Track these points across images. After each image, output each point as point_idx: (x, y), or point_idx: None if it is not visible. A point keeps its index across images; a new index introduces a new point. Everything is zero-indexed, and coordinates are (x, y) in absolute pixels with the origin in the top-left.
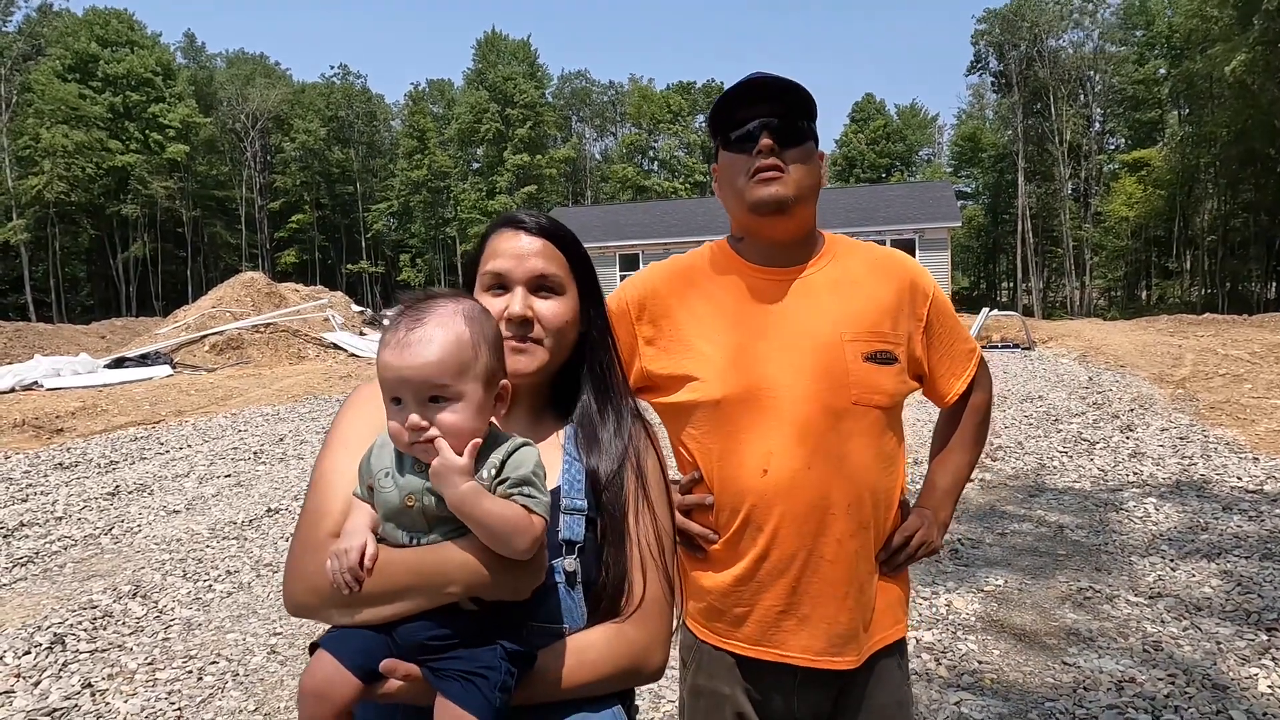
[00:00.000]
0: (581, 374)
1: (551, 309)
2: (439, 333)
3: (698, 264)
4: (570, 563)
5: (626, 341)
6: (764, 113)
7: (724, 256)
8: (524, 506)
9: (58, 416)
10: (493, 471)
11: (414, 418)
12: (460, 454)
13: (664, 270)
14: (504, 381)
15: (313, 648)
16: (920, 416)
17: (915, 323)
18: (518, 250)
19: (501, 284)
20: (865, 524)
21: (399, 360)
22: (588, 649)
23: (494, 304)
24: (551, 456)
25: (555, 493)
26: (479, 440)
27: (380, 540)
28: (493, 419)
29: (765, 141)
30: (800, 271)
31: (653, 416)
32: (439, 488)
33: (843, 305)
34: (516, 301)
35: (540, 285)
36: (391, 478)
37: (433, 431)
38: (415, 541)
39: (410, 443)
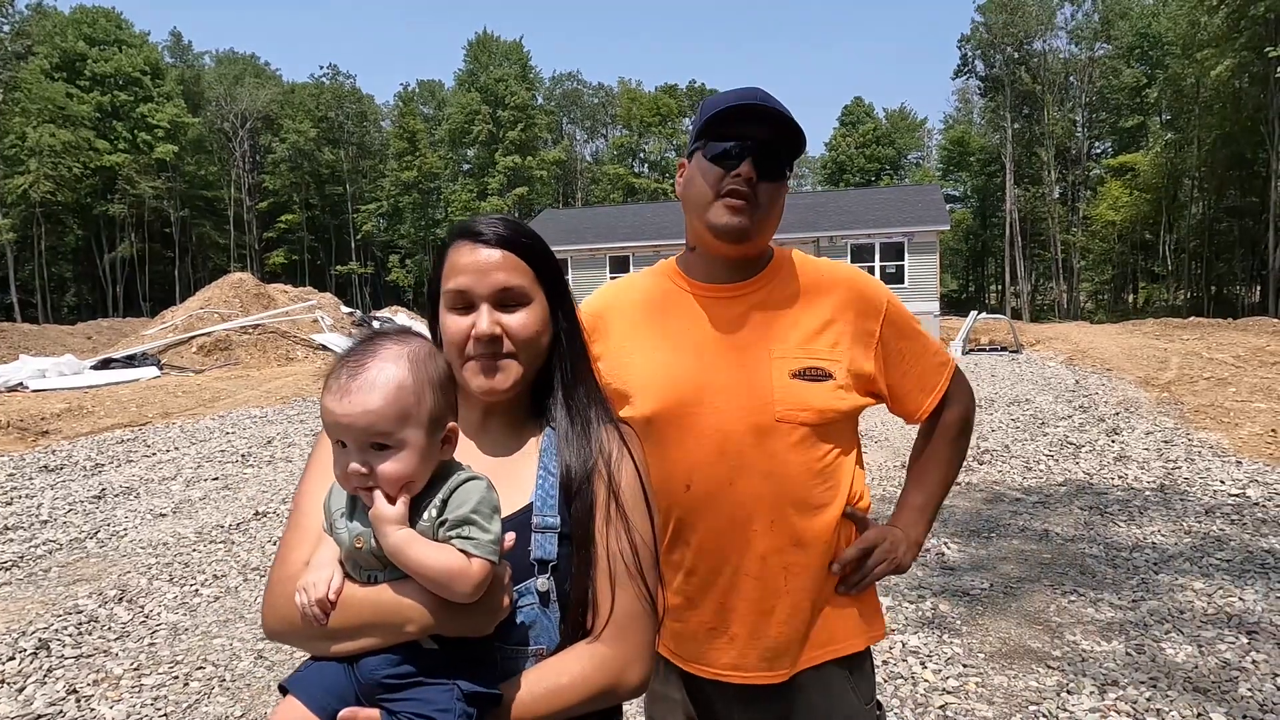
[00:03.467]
0: (555, 378)
1: (520, 321)
2: (380, 378)
3: (642, 283)
4: (543, 582)
5: None
6: (753, 135)
7: (668, 274)
8: (461, 550)
9: (43, 418)
10: (434, 513)
11: (354, 466)
12: (394, 501)
13: (612, 290)
14: (451, 424)
15: (282, 689)
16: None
17: (864, 339)
18: (477, 265)
19: (466, 302)
20: (797, 540)
21: (340, 408)
22: (561, 673)
23: (460, 323)
24: (527, 469)
25: (528, 509)
26: (412, 486)
27: (346, 576)
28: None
29: (745, 169)
30: (741, 289)
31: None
32: (376, 536)
33: (777, 323)
34: (483, 320)
35: (505, 299)
36: (344, 518)
37: (372, 481)
38: (373, 579)
39: (355, 487)
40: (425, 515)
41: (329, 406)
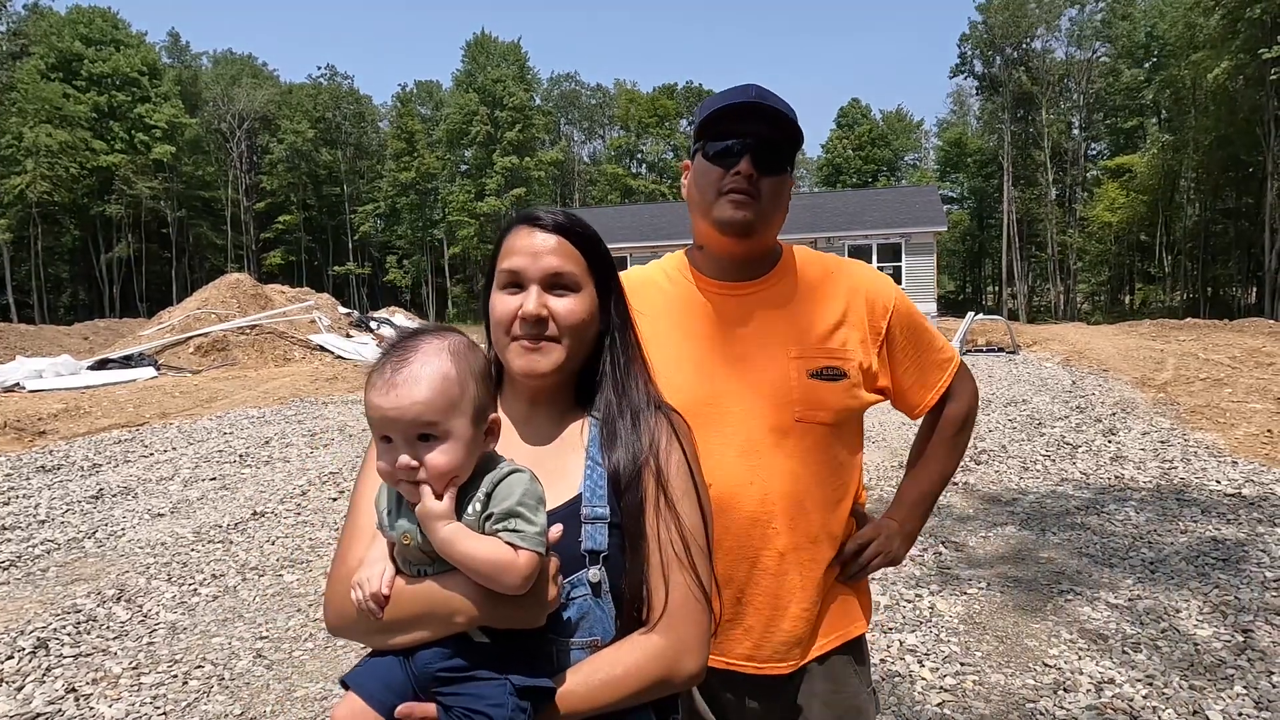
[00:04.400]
0: (601, 369)
1: (567, 306)
2: (425, 371)
3: (653, 277)
4: (595, 573)
5: None
6: (751, 132)
7: (680, 269)
8: (508, 543)
9: (40, 419)
10: (479, 506)
11: (404, 459)
12: (441, 496)
13: (625, 280)
14: (494, 415)
15: (344, 684)
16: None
17: (872, 336)
18: (532, 248)
19: (517, 282)
20: (813, 536)
21: (386, 401)
22: (616, 664)
23: (509, 302)
24: (574, 460)
25: (576, 500)
26: (459, 480)
27: (398, 571)
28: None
29: (745, 165)
30: (753, 287)
31: None
32: (424, 531)
33: (791, 322)
34: (531, 300)
35: (556, 283)
36: (390, 516)
37: (421, 474)
38: (422, 574)
39: (399, 480)
40: (470, 509)
41: (375, 401)
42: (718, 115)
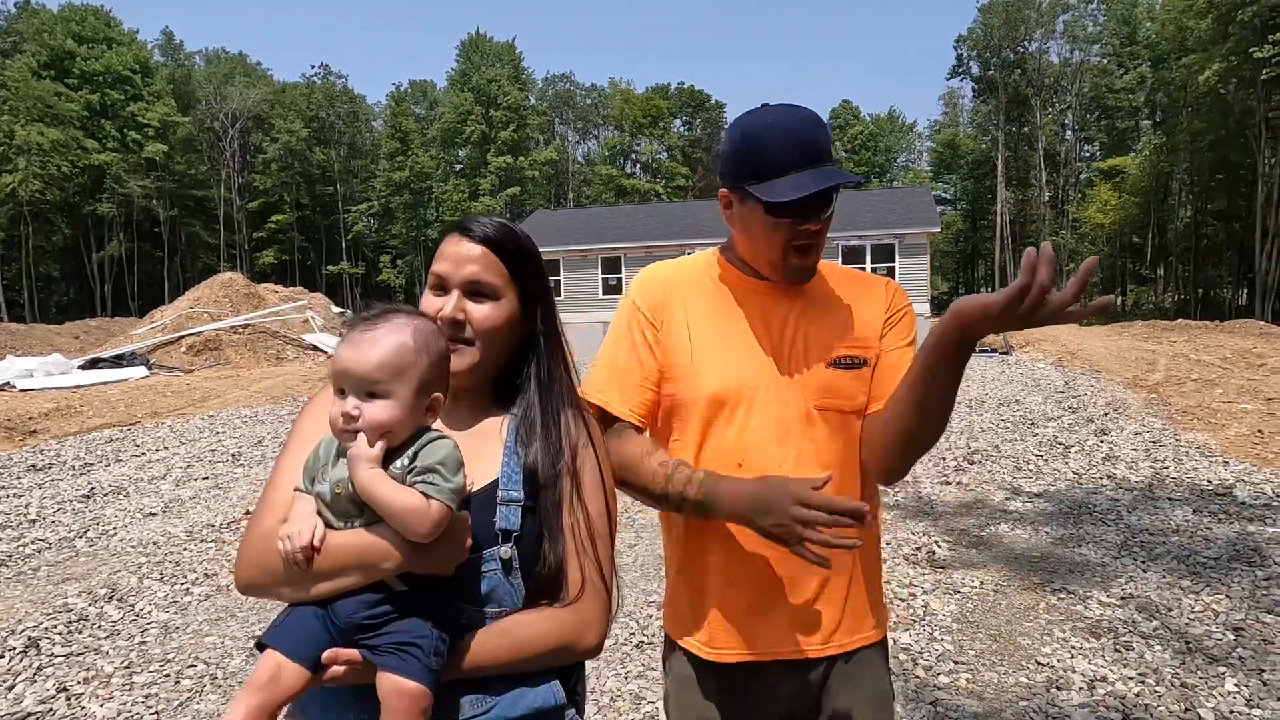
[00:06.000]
0: (525, 373)
1: (482, 312)
2: (387, 338)
3: (694, 269)
4: (506, 550)
5: (651, 336)
6: (814, 181)
7: (715, 264)
8: (423, 493)
9: (31, 418)
10: (405, 462)
11: (348, 404)
12: (373, 445)
13: (667, 270)
14: (436, 394)
15: (259, 646)
16: None
17: (885, 329)
18: (458, 255)
19: (441, 285)
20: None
21: (347, 355)
22: (523, 625)
23: (431, 302)
24: (492, 450)
25: (494, 485)
26: (391, 435)
27: (326, 525)
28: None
29: (816, 225)
30: (784, 284)
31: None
32: (351, 473)
33: (819, 316)
34: (449, 304)
35: (475, 289)
36: (328, 469)
37: (359, 423)
38: (351, 524)
39: (342, 429)
40: (397, 465)
41: (339, 353)
42: (774, 160)
